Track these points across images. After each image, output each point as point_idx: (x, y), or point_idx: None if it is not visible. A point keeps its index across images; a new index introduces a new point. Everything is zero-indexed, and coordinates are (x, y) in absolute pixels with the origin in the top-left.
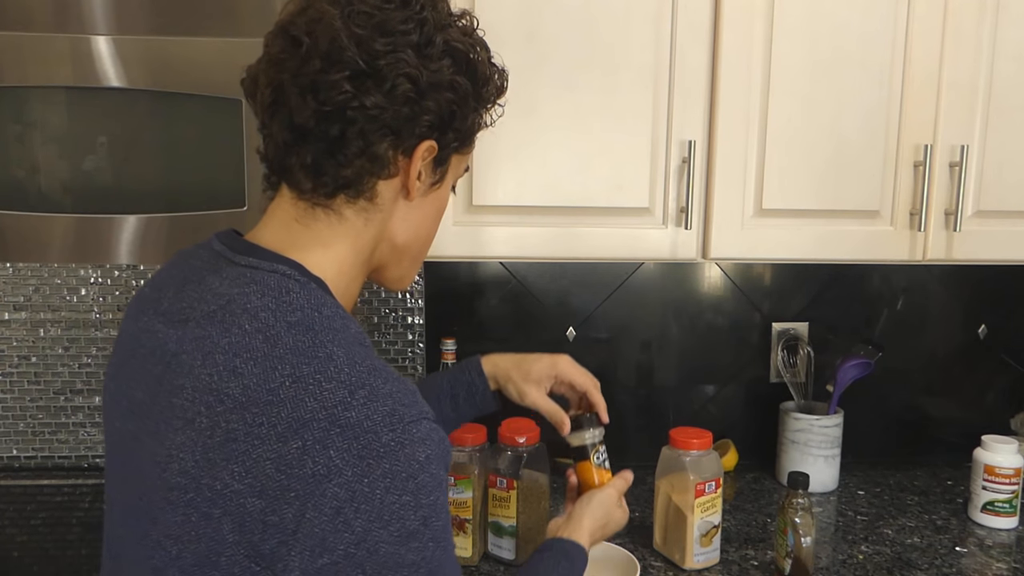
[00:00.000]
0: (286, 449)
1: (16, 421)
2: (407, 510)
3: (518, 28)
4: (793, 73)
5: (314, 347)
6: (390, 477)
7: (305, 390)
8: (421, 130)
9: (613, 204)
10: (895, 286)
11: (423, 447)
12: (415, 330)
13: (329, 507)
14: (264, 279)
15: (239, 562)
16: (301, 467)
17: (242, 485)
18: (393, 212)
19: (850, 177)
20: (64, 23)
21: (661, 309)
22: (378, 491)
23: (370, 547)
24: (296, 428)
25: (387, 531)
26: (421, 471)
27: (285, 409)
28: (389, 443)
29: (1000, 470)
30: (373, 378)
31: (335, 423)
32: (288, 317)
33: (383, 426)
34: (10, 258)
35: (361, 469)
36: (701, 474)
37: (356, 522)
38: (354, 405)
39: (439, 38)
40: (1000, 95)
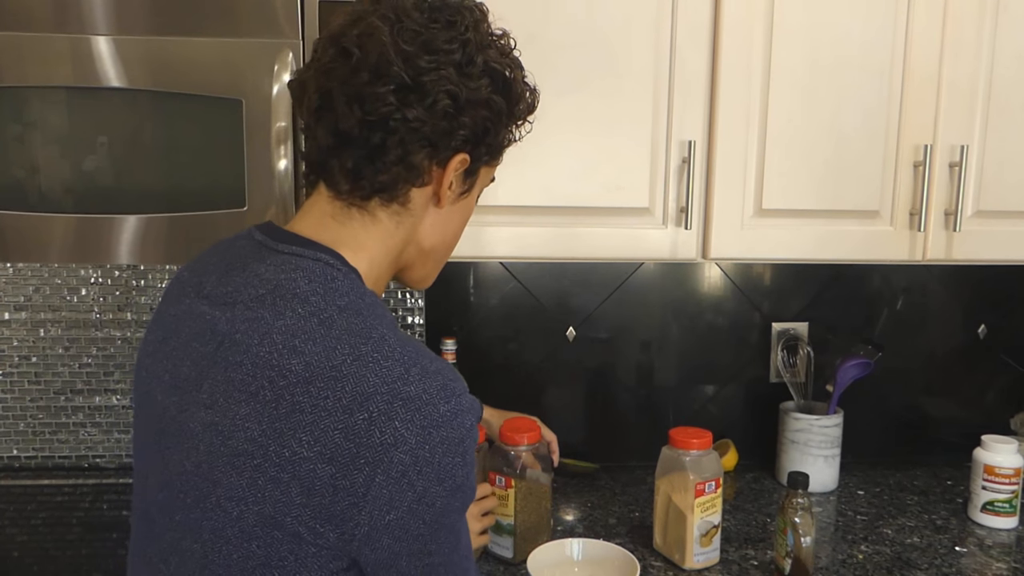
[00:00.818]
0: (353, 420)
1: (16, 421)
2: (457, 468)
3: (519, 29)
4: (793, 73)
5: (367, 329)
6: (447, 443)
7: (366, 367)
8: (456, 143)
9: (613, 204)
10: (895, 286)
11: (470, 415)
12: (415, 330)
13: (396, 471)
14: (309, 266)
15: (304, 522)
16: (369, 436)
17: (311, 452)
18: (423, 218)
19: (850, 177)
20: (64, 23)
21: (661, 309)
22: (437, 455)
23: (429, 501)
24: (361, 401)
25: (442, 487)
26: (468, 435)
27: (349, 384)
28: (446, 413)
29: (1000, 470)
30: (421, 357)
31: (397, 396)
32: (337, 301)
33: (440, 399)
34: (10, 258)
35: (423, 437)
36: (701, 474)
37: (418, 482)
38: (411, 380)
39: (480, 58)
40: (1000, 95)
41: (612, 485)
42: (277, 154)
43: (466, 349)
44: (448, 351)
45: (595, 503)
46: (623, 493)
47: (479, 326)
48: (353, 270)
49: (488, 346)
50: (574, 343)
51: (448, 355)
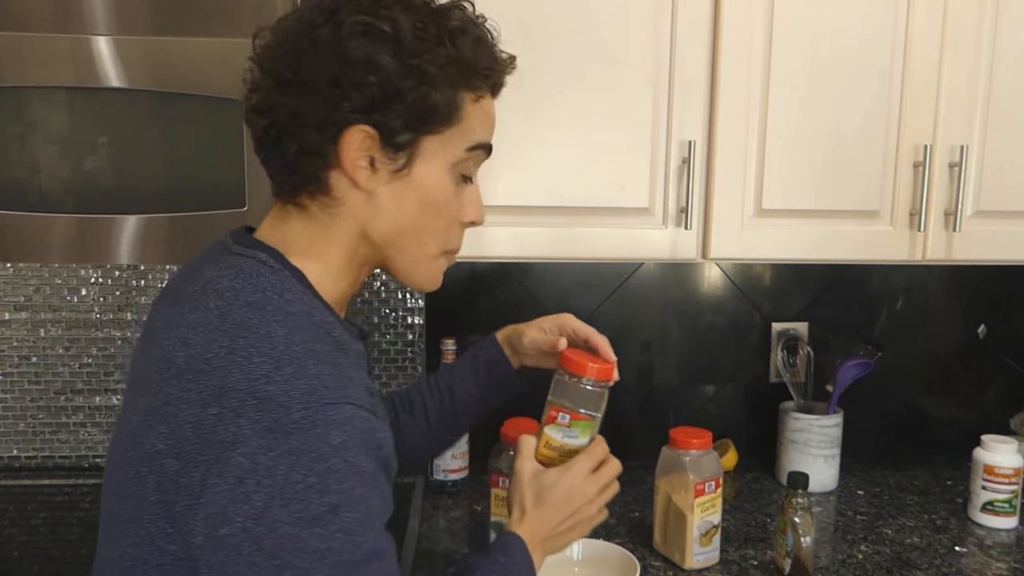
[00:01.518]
0: (205, 414)
1: (16, 421)
2: (312, 493)
3: (518, 29)
4: (793, 73)
5: (258, 324)
6: (296, 455)
7: (234, 362)
8: (343, 117)
9: (613, 204)
10: (895, 286)
11: (339, 431)
12: (415, 330)
13: (232, 476)
14: (240, 263)
15: (156, 522)
16: (213, 432)
17: (165, 446)
18: (357, 205)
19: (850, 177)
20: (64, 23)
21: (661, 309)
22: (281, 467)
23: (268, 524)
24: (218, 396)
25: (287, 511)
26: (333, 455)
27: (213, 377)
28: (300, 420)
29: (1000, 470)
30: (306, 359)
31: (253, 394)
32: (248, 297)
33: (297, 403)
34: (10, 258)
35: (267, 442)
36: (701, 474)
37: (256, 496)
38: (276, 380)
39: (352, 19)
40: (999, 95)
41: None
42: None
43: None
44: (448, 351)
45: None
46: (623, 493)
47: (479, 326)
48: (290, 268)
49: None
50: None
51: (448, 355)
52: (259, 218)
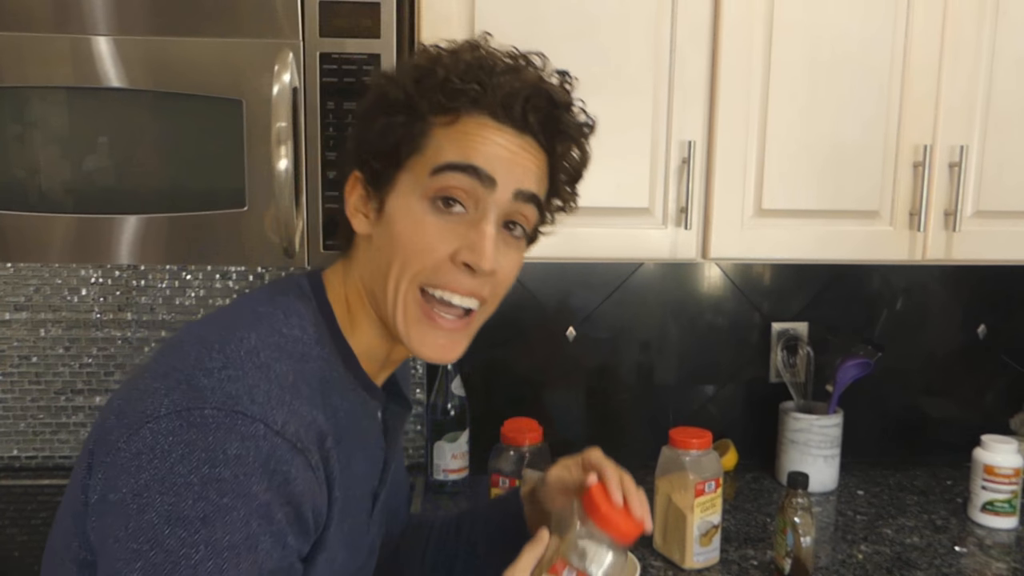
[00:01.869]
0: (148, 385)
1: (16, 421)
2: (187, 491)
3: (518, 28)
4: (793, 73)
5: (243, 328)
6: (189, 448)
7: (196, 349)
8: (348, 163)
9: (613, 204)
10: (895, 286)
11: (240, 444)
12: None
13: (135, 447)
14: (294, 277)
15: (77, 492)
16: (141, 402)
17: (113, 406)
18: (362, 251)
19: (850, 177)
20: (64, 23)
21: (661, 309)
22: (174, 455)
23: (141, 505)
24: (165, 373)
25: (161, 499)
26: (223, 466)
27: (174, 357)
28: (207, 417)
29: (1000, 470)
30: (256, 370)
31: (189, 381)
32: (259, 307)
33: (216, 401)
34: (10, 258)
35: (174, 426)
36: (701, 474)
37: (143, 473)
38: (214, 375)
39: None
40: (999, 95)
41: None
42: (277, 154)
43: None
44: None
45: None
46: None
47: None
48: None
49: (488, 346)
50: (574, 343)
51: None
52: (259, 218)
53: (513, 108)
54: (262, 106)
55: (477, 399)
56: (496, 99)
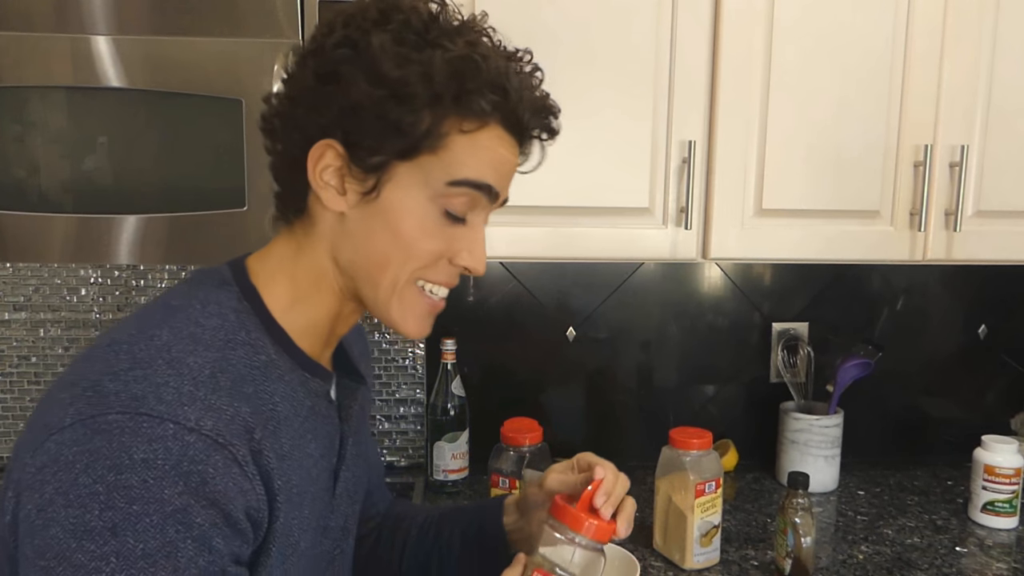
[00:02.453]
0: (53, 397)
1: (16, 421)
2: (93, 502)
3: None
4: (793, 73)
5: (153, 325)
6: (93, 457)
7: (104, 354)
8: (316, 130)
9: (613, 204)
10: (895, 286)
11: (147, 447)
12: None
13: (40, 460)
14: (203, 271)
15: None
16: (46, 415)
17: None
18: (330, 226)
19: (850, 177)
20: (64, 23)
21: (661, 309)
22: (78, 465)
23: (45, 520)
24: (71, 383)
25: (66, 513)
26: (130, 471)
27: (82, 365)
28: (111, 423)
29: (1000, 470)
30: (166, 367)
31: (94, 387)
32: (172, 300)
33: (119, 405)
34: (10, 258)
35: (77, 435)
36: (701, 474)
37: (47, 487)
38: (121, 379)
39: (339, 33)
40: (1000, 95)
41: None
42: None
43: (466, 349)
44: (448, 351)
45: None
46: None
47: (479, 326)
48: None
49: (488, 346)
50: (574, 343)
51: (448, 355)
52: (259, 218)
53: (528, 126)
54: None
55: (477, 399)
56: (518, 115)
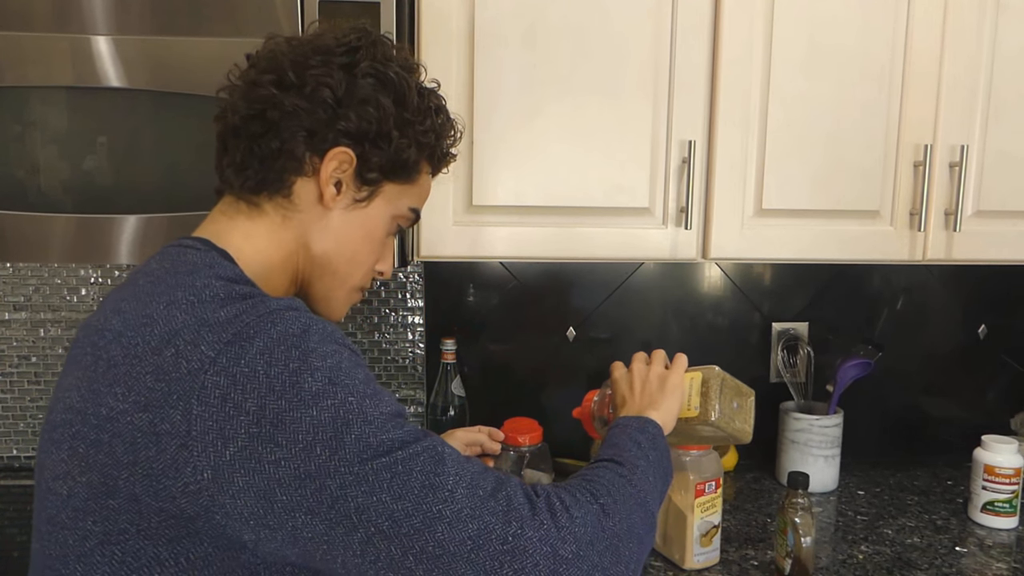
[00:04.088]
0: (161, 359)
1: (16, 421)
2: (300, 375)
3: (518, 28)
4: (793, 73)
5: (194, 281)
6: (267, 352)
7: (177, 308)
8: (336, 135)
9: (613, 204)
10: (895, 286)
11: (297, 322)
12: (415, 330)
13: (214, 396)
14: (167, 251)
15: (139, 481)
16: (176, 369)
17: (126, 404)
18: (312, 216)
19: (850, 177)
20: (64, 23)
21: (661, 309)
22: (259, 368)
23: (272, 420)
24: (168, 338)
25: (284, 400)
26: (300, 341)
27: (158, 326)
28: (257, 324)
29: (1000, 470)
30: (251, 297)
31: (204, 324)
32: (178, 268)
33: (250, 315)
34: (10, 258)
35: (235, 353)
36: (701, 474)
37: (246, 403)
38: (224, 310)
39: (367, 62)
40: (1000, 94)
41: None
42: None
43: (466, 349)
44: (448, 351)
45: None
46: None
47: (479, 326)
48: (217, 251)
49: (488, 346)
50: (574, 343)
51: (448, 355)
52: None
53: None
54: None
55: (477, 399)
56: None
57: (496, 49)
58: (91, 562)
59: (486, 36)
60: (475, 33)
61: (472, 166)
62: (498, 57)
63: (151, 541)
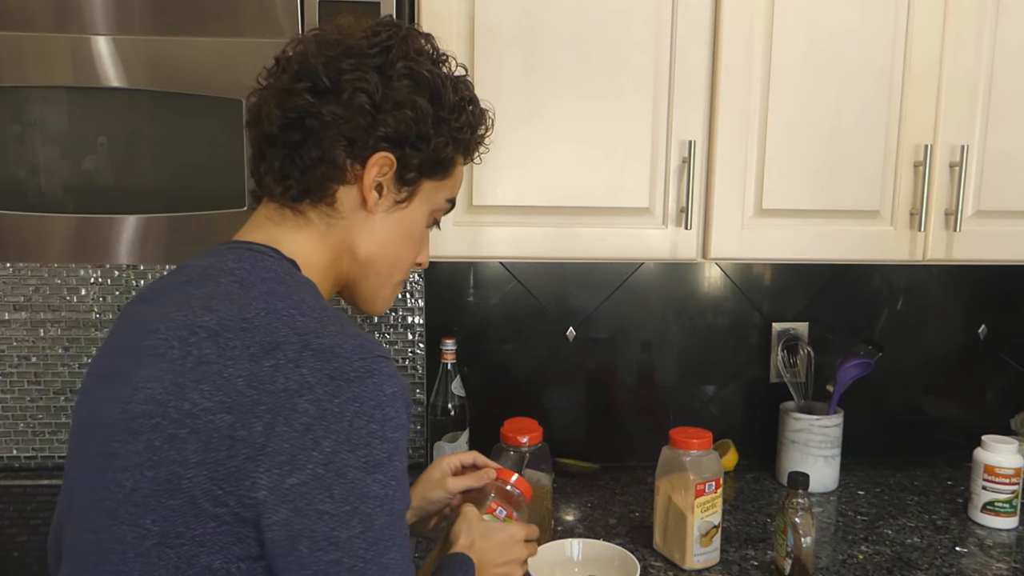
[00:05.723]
0: (258, 367)
1: (16, 421)
2: (374, 439)
3: (518, 28)
4: (793, 72)
5: (288, 292)
6: (359, 402)
7: (279, 318)
8: (376, 141)
9: (613, 204)
10: (895, 286)
11: (390, 382)
12: (415, 330)
13: (299, 422)
14: (240, 252)
15: (200, 484)
16: (273, 382)
17: (212, 402)
18: (355, 222)
19: (850, 177)
20: (64, 23)
21: (661, 309)
22: (347, 413)
23: (338, 469)
24: (269, 349)
25: (355, 456)
26: (388, 404)
27: (259, 334)
28: (359, 369)
29: (1000, 470)
30: (341, 320)
31: (307, 346)
32: (263, 274)
33: (354, 354)
34: (10, 258)
35: (332, 389)
36: (701, 474)
37: (325, 441)
38: (325, 335)
39: (402, 63)
40: (1000, 95)
41: (612, 485)
42: None
43: (466, 349)
44: (448, 351)
45: (595, 503)
46: (623, 493)
47: (479, 326)
48: (288, 259)
49: (488, 346)
50: (574, 343)
51: (448, 355)
52: None
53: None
54: None
55: (477, 399)
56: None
57: (496, 49)
58: (149, 562)
59: (486, 36)
60: (475, 33)
61: (472, 166)
62: (498, 57)
63: (204, 548)
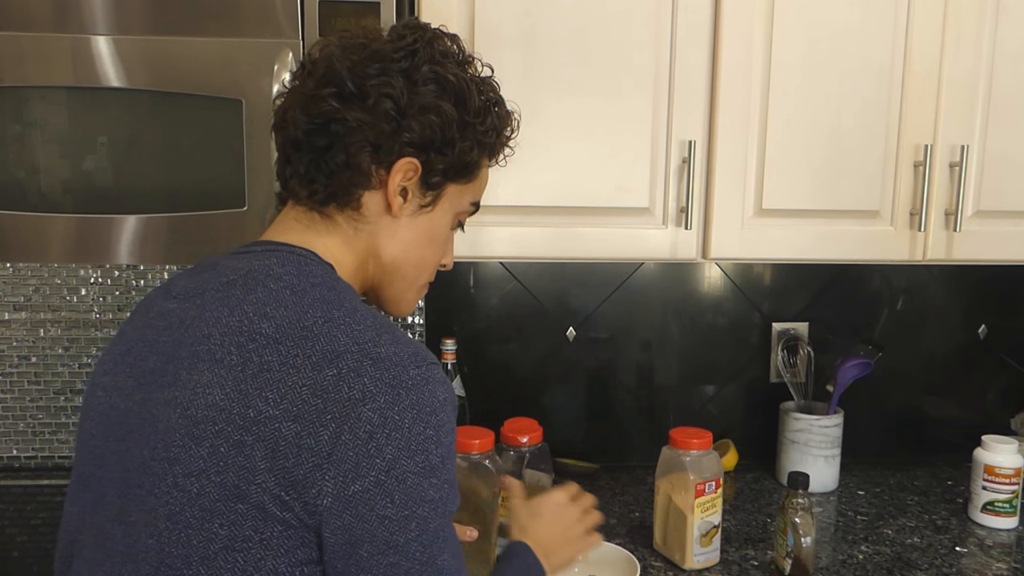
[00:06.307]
0: (321, 376)
1: (16, 421)
2: (430, 444)
3: (518, 29)
4: (793, 72)
5: (340, 299)
6: (416, 409)
7: (337, 327)
8: (401, 147)
9: (613, 204)
10: (895, 286)
11: (442, 388)
12: (415, 330)
13: (363, 431)
14: (284, 255)
15: (269, 490)
16: (337, 392)
17: (277, 411)
18: (380, 226)
19: (850, 177)
20: (64, 23)
21: (661, 309)
22: (406, 421)
23: (398, 476)
24: (331, 358)
25: (413, 462)
26: (441, 410)
27: (320, 343)
28: (416, 377)
29: (1000, 470)
30: (391, 327)
31: (367, 356)
32: (311, 279)
33: (410, 362)
34: (10, 258)
35: (392, 397)
36: (701, 474)
37: (387, 449)
38: (382, 343)
39: (427, 67)
40: (1000, 95)
41: (612, 485)
42: None
43: (466, 349)
44: (448, 351)
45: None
46: (623, 493)
47: (479, 326)
48: (327, 263)
49: (488, 346)
50: (574, 343)
51: (448, 355)
52: (259, 218)
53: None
54: (262, 106)
55: (477, 399)
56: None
57: (496, 49)
58: (215, 566)
59: (486, 36)
60: (475, 33)
61: None
62: (498, 57)
63: (271, 552)
